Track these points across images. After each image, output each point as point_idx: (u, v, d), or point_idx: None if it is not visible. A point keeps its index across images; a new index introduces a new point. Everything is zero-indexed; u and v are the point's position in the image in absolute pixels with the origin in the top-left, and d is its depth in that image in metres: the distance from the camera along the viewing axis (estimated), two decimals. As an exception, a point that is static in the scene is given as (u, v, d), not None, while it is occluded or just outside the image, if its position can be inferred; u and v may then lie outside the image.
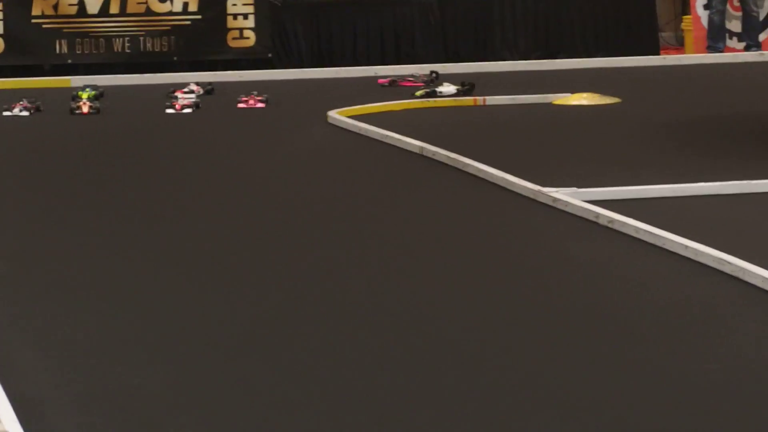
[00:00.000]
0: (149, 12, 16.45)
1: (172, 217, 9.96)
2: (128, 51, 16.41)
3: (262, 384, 6.25)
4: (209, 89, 14.83)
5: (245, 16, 16.64)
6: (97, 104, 13.78)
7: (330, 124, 13.07)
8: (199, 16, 16.52)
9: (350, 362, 6.64)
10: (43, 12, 16.22)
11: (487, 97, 14.43)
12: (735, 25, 17.63)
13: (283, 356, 6.64)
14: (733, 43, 17.60)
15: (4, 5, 16.11)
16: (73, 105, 13.60)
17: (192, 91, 14.50)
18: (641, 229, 8.71)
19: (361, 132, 12.61)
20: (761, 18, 17.65)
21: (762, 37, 17.63)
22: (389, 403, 5.94)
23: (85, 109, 13.51)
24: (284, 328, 7.23)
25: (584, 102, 14.16)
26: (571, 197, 9.57)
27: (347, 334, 7.26)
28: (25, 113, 13.60)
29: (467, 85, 14.74)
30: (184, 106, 14.01)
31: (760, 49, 17.47)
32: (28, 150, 12.38)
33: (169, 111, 13.89)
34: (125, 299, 7.98)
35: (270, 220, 9.89)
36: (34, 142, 12.67)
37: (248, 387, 6.27)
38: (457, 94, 14.55)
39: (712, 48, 17.51)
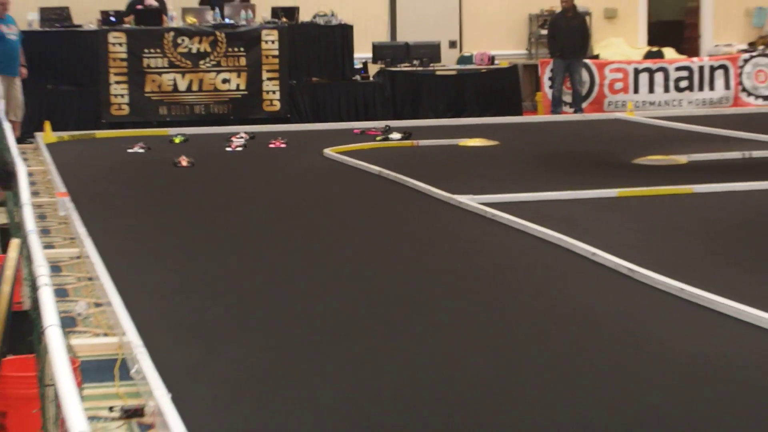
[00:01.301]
0: (215, 89, 16.36)
1: (222, 208, 9.99)
2: (203, 113, 16.32)
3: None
4: (252, 136, 14.76)
5: (273, 92, 16.57)
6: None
7: (325, 156, 13.08)
8: (246, 92, 16.44)
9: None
10: (152, 89, 16.16)
11: (419, 141, 14.43)
12: (568, 98, 17.65)
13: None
14: (567, 108, 17.62)
15: (129, 85, 16.06)
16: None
17: (242, 137, 14.48)
18: (512, 220, 8.83)
19: (344, 161, 12.62)
20: (583, 93, 17.69)
21: (584, 105, 17.66)
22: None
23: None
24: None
25: (478, 144, 14.19)
26: (469, 201, 9.64)
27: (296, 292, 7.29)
28: (141, 150, 13.58)
29: (407, 133, 14.75)
30: (237, 146, 14.01)
31: (582, 112, 17.52)
32: (144, 170, 12.37)
33: (228, 149, 13.89)
34: (212, 261, 8.04)
35: (283, 211, 9.95)
36: (147, 166, 12.67)
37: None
38: (401, 139, 14.56)
39: (554, 112, 17.53)
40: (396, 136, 14.69)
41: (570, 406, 4.92)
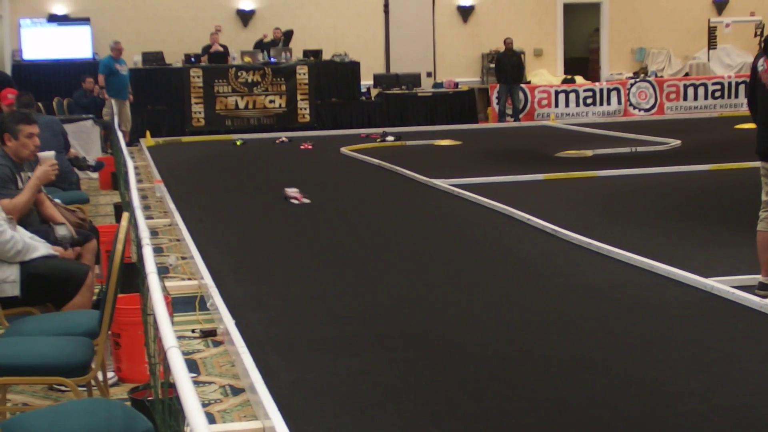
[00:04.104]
0: (264, 107, 16.31)
1: (271, 188, 9.94)
2: (256, 124, 16.27)
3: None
4: (290, 138, 14.77)
5: (305, 109, 16.52)
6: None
7: (342, 153, 13.04)
8: (285, 109, 16.40)
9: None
10: (220, 108, 16.10)
11: (407, 142, 14.40)
12: (509, 111, 17.60)
13: None
14: (509, 118, 17.56)
15: (204, 105, 16.04)
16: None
17: (283, 140, 14.43)
18: (471, 195, 8.81)
19: (355, 157, 12.58)
20: (520, 108, 17.56)
21: (521, 116, 17.60)
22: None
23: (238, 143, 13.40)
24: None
25: (446, 143, 14.16)
26: (442, 183, 9.62)
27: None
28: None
29: (398, 136, 14.71)
30: (281, 141, 13.93)
31: (519, 121, 17.46)
32: (214, 165, 12.35)
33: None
34: (262, 224, 7.98)
35: (313, 188, 9.83)
36: (216, 162, 12.65)
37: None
38: (394, 140, 14.50)
39: (500, 121, 17.46)
40: (390, 138, 14.62)
41: (505, 307, 5.00)
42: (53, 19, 16.96)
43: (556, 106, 17.91)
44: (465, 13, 19.46)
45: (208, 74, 16.10)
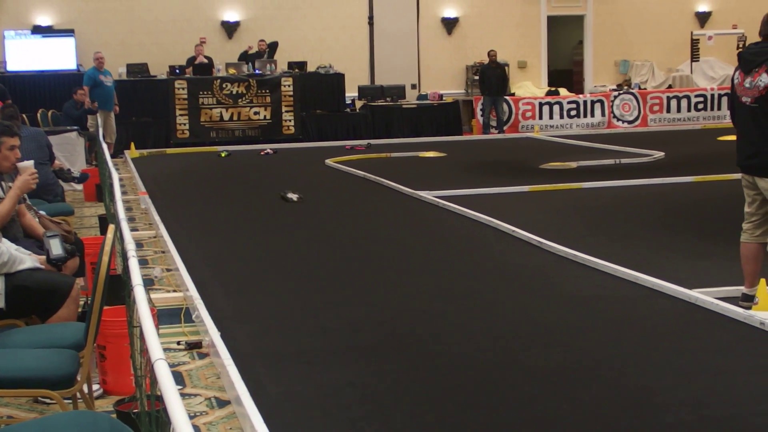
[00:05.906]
0: (249, 119, 16.30)
1: (256, 202, 9.91)
2: (241, 135, 16.25)
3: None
4: (275, 150, 14.73)
5: (290, 120, 16.51)
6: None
7: (327, 165, 13.02)
8: (270, 121, 16.40)
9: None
10: (205, 119, 16.08)
11: (391, 153, 14.39)
12: (494, 122, 17.64)
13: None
14: (493, 130, 17.60)
15: (189, 117, 16.02)
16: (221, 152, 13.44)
17: (268, 151, 14.40)
18: (456, 207, 8.80)
19: (340, 168, 12.57)
20: (504, 120, 17.68)
21: (505, 128, 17.64)
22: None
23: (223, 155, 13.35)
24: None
25: (431, 155, 14.16)
26: (426, 194, 9.61)
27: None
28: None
29: (368, 144, 14.77)
30: (266, 153, 13.89)
31: (504, 133, 17.49)
32: (197, 176, 12.30)
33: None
34: (247, 236, 7.94)
35: (297, 202, 9.87)
36: (200, 173, 12.60)
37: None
38: (365, 150, 14.51)
39: (484, 132, 17.50)
40: (361, 147, 14.58)
41: (492, 319, 5.00)
42: (37, 30, 16.90)
43: (540, 118, 17.97)
44: (449, 25, 19.54)
45: (192, 86, 16.08)
